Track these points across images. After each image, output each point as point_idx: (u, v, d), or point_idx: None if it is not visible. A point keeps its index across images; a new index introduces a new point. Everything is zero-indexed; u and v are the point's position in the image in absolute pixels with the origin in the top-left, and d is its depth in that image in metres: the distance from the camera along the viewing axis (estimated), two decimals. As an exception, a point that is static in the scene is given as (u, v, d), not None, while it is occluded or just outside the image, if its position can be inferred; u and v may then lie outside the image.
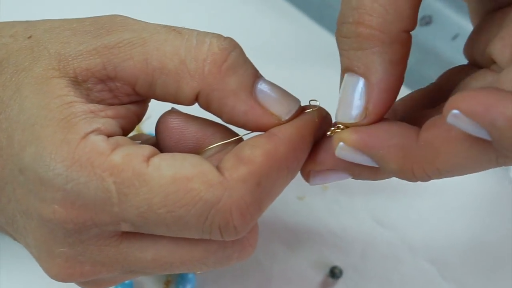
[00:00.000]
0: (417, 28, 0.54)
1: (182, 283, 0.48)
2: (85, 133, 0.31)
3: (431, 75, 0.55)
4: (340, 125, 0.32)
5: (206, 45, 0.33)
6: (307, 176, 0.35)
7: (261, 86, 0.34)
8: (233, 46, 0.34)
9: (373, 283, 0.49)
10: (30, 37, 0.34)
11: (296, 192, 0.53)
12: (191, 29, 0.34)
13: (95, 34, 0.33)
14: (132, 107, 0.35)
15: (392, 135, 0.31)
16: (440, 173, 0.30)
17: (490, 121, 0.25)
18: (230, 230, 0.32)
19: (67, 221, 0.32)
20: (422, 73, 0.56)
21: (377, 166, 0.32)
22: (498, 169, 0.53)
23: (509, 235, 0.51)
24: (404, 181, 0.31)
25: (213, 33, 0.34)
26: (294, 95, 0.35)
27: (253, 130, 0.35)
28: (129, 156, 0.31)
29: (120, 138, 0.33)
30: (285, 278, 0.49)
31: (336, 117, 0.32)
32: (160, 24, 0.34)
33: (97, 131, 0.32)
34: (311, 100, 0.36)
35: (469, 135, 0.27)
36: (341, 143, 0.32)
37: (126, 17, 0.34)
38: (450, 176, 0.30)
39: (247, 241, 0.35)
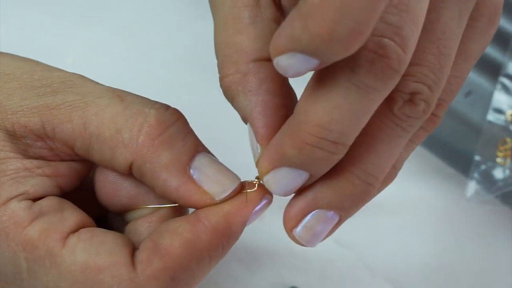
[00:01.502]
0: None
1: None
2: (8, 198, 0.31)
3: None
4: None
5: (144, 115, 0.32)
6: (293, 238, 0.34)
7: (198, 163, 0.33)
8: (174, 119, 0.33)
9: (332, 303, 0.49)
10: None
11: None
12: (135, 96, 0.33)
13: (41, 92, 0.33)
14: (74, 165, 0.34)
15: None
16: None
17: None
18: None
19: None
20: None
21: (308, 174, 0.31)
22: (454, 188, 0.54)
23: (466, 254, 0.52)
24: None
25: (158, 102, 0.33)
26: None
27: (187, 206, 0.34)
28: (46, 232, 0.31)
29: (46, 204, 0.32)
30: (244, 299, 0.49)
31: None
32: (109, 88, 0.34)
33: (23, 195, 0.31)
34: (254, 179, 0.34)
35: None
36: (265, 178, 0.31)
37: (79, 76, 0.34)
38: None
39: None
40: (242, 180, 0.34)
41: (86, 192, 0.35)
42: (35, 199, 0.32)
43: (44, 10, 0.59)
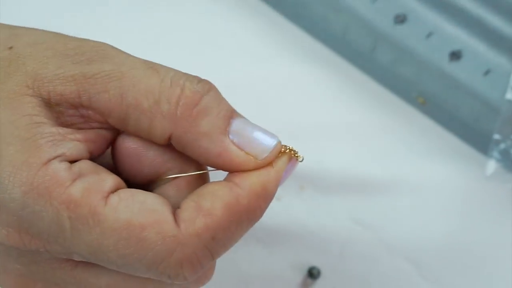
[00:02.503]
0: (392, 26, 0.54)
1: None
2: (48, 159, 0.31)
3: (405, 74, 0.56)
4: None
5: (179, 87, 0.33)
6: None
7: (235, 127, 0.34)
8: (206, 89, 0.33)
9: (351, 283, 0.49)
10: (11, 47, 0.34)
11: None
12: (168, 68, 0.34)
13: (76, 60, 0.33)
14: (103, 132, 0.34)
15: None
16: None
17: None
18: (180, 279, 0.32)
19: (20, 245, 0.32)
20: (397, 72, 0.56)
21: None
22: (474, 167, 0.53)
23: (486, 233, 0.51)
24: (383, 182, 0.31)
25: (189, 74, 0.34)
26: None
27: (229, 171, 0.34)
28: (88, 191, 0.31)
29: (84, 166, 0.32)
30: (263, 279, 0.49)
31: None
32: (140, 59, 0.34)
33: (61, 157, 0.31)
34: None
35: None
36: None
37: (110, 46, 0.34)
38: None
39: (203, 274, 0.35)
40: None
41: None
42: (71, 162, 0.32)
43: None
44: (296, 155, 0.35)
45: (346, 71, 0.58)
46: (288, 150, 0.35)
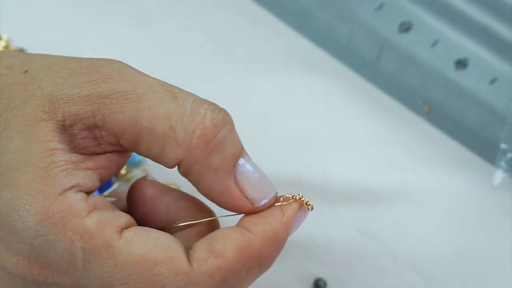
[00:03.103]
0: (397, 34, 0.54)
1: None
2: (64, 188, 0.31)
3: (411, 82, 0.55)
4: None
5: (200, 116, 0.33)
6: None
7: (243, 168, 0.34)
8: (225, 121, 0.33)
9: (358, 294, 0.49)
10: (26, 71, 0.34)
11: (278, 203, 0.52)
12: (187, 94, 0.33)
13: (91, 77, 0.33)
14: (113, 157, 0.34)
15: None
16: None
17: None
18: None
19: (28, 275, 0.31)
20: (402, 80, 0.56)
21: None
22: (481, 176, 0.53)
23: (493, 243, 0.51)
24: (388, 191, 0.31)
25: (209, 102, 0.34)
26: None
27: (224, 208, 0.35)
28: (103, 224, 0.31)
29: (98, 200, 0.32)
30: (269, 291, 0.48)
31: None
32: (157, 81, 0.34)
33: (76, 187, 0.31)
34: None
35: None
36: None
37: (124, 65, 0.34)
38: None
39: None
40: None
41: None
42: (86, 192, 0.32)
43: (64, 1, 0.59)
44: (307, 203, 0.36)
45: (351, 80, 0.57)
46: (299, 198, 0.35)
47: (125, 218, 0.32)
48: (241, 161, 0.34)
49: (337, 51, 0.58)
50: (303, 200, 0.35)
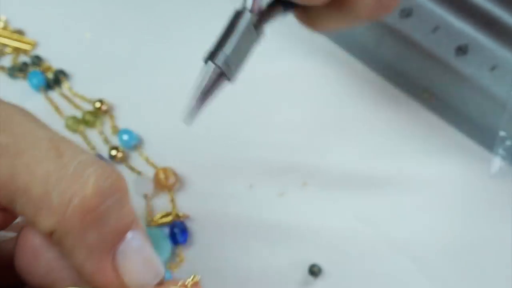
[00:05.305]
0: (397, 20, 0.53)
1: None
2: None
3: (411, 68, 0.55)
4: None
5: (81, 181, 0.28)
6: None
7: (128, 245, 0.29)
8: (114, 190, 0.28)
9: (353, 281, 0.49)
10: None
11: (276, 189, 0.52)
12: (77, 152, 0.28)
13: None
14: None
15: None
16: None
17: None
18: None
19: None
20: (402, 67, 0.55)
21: None
22: (479, 164, 0.53)
23: (490, 231, 0.51)
24: (386, 178, 0.30)
25: (100, 165, 0.28)
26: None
27: None
28: None
29: None
30: (264, 277, 0.48)
31: None
32: (50, 135, 0.29)
33: None
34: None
35: None
36: None
37: (20, 111, 0.30)
38: None
39: None
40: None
41: (2, 260, 0.31)
42: None
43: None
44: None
45: (350, 66, 0.57)
46: (188, 285, 0.30)
47: None
48: (130, 235, 0.29)
49: (337, 37, 0.58)
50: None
